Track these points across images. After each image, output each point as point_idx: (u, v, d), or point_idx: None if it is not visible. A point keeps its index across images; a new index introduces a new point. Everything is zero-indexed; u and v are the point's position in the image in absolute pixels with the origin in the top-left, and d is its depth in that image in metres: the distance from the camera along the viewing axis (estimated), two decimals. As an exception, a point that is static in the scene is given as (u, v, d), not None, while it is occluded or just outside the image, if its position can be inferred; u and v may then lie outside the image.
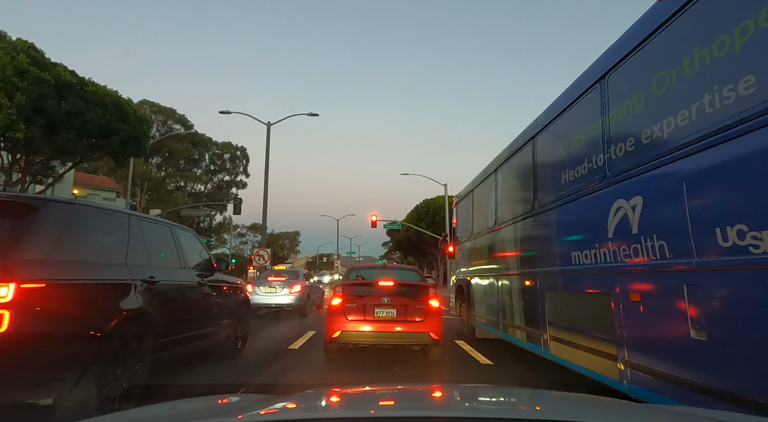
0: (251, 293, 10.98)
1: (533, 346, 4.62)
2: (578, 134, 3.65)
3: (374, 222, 32.27)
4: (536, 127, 4.62)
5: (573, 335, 3.66)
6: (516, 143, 5.35)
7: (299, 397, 1.45)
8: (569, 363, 3.76)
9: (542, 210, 4.37)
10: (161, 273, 3.75)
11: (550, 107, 4.36)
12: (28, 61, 13.89)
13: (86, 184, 33.05)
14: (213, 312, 4.90)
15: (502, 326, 5.71)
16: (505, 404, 1.50)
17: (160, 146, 45.27)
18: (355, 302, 5.32)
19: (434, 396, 1.61)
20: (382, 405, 1.45)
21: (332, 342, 5.33)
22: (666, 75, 2.56)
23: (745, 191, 1.99)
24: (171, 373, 4.25)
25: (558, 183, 4.00)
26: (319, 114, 19.60)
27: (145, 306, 3.37)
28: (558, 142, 4.06)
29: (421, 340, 5.34)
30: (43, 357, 2.53)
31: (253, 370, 4.94)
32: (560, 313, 3.95)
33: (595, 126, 3.35)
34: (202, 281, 4.63)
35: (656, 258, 2.56)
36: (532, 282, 4.64)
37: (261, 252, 16.45)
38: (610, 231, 3.05)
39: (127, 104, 17.11)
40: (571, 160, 3.76)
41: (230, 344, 5.53)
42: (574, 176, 3.69)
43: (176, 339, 3.92)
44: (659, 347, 2.60)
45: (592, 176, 3.36)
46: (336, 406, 1.40)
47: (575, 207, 3.63)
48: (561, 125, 4.03)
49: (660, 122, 2.61)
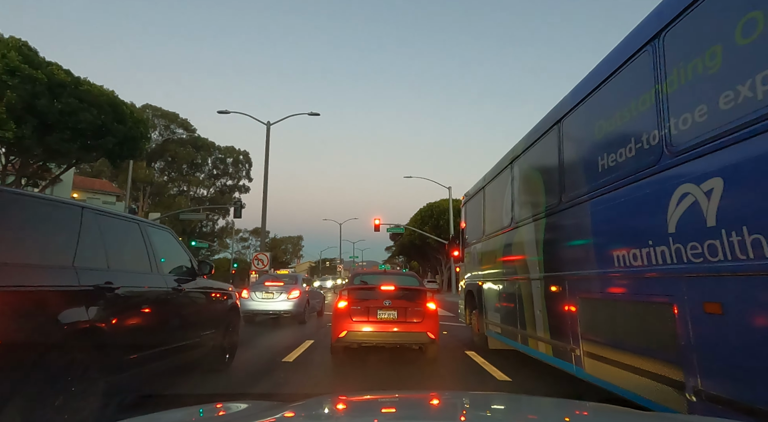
0: (247, 299, 10.49)
1: (561, 362, 3.98)
2: (620, 111, 3.03)
3: (377, 226, 31.69)
4: (563, 108, 4.01)
5: (617, 352, 3.02)
6: (537, 130, 4.74)
7: (303, 406, 1.43)
8: (611, 386, 3.12)
9: (571, 204, 3.75)
10: (123, 278, 3.15)
11: (579, 85, 3.75)
12: (19, 58, 13.46)
13: (86, 187, 32.69)
14: (193, 322, 4.30)
15: (520, 337, 5.08)
16: (511, 413, 1.46)
17: (162, 151, 45.10)
18: (360, 304, 5.80)
19: (437, 403, 1.58)
20: (385, 413, 1.43)
21: (339, 341, 5.78)
22: (760, 16, 1.95)
23: None
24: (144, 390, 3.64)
25: (592, 171, 3.39)
26: (320, 114, 19.09)
27: (98, 319, 2.77)
28: (592, 122, 3.45)
29: (420, 339, 5.75)
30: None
31: (236, 389, 4.32)
32: (598, 325, 3.31)
33: (646, 97, 2.74)
34: (180, 287, 4.03)
35: (747, 258, 1.94)
36: (559, 288, 4.01)
37: (260, 256, 15.87)
38: (671, 225, 2.43)
39: (123, 104, 16.65)
40: (611, 142, 3.14)
41: (216, 357, 4.92)
42: (614, 160, 3.08)
43: (144, 356, 3.32)
44: (746, 374, 1.97)
45: (643, 158, 2.74)
46: (339, 415, 1.40)
47: (618, 198, 3.01)
48: (596, 102, 3.42)
49: (746, 80, 2.00)
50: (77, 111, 14.77)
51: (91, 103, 15.29)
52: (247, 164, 50.58)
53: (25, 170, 16.91)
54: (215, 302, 4.97)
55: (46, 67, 14.49)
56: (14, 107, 13.06)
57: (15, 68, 13.27)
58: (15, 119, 13.26)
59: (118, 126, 16.21)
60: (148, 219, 6.08)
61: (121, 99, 16.67)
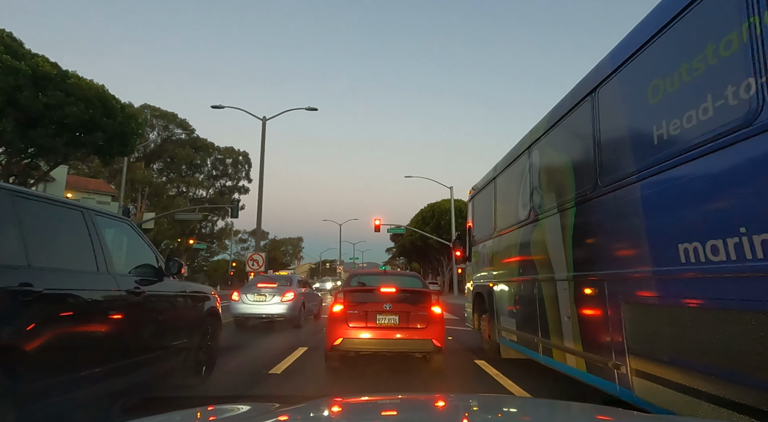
0: (237, 301, 9.85)
1: (598, 380, 3.29)
2: (689, 61, 2.35)
3: (378, 226, 31.03)
4: (600, 75, 3.33)
5: (685, 374, 2.33)
6: (562, 106, 4.06)
7: (305, 408, 1.44)
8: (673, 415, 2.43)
9: (611, 188, 3.07)
10: (51, 279, 2.48)
11: (623, 43, 3.07)
12: (1, 48, 12.81)
13: (80, 187, 32.04)
14: (156, 331, 3.62)
15: (542, 347, 4.38)
16: (512, 414, 1.44)
17: (161, 151, 44.47)
18: (357, 308, 5.23)
19: (439, 405, 1.56)
20: (385, 415, 1.41)
21: (333, 349, 5.19)
22: None
23: None
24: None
25: (644, 145, 2.71)
26: (317, 108, 18.44)
27: (4, 332, 2.10)
28: (643, 83, 2.76)
29: (424, 348, 5.19)
30: None
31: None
32: (655, 337, 2.62)
33: (732, 38, 2.06)
34: (138, 290, 3.35)
35: None
36: (595, 290, 3.32)
37: (255, 257, 15.17)
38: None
39: (113, 99, 15.97)
40: (673, 104, 2.46)
41: (189, 370, 4.24)
42: (679, 127, 2.39)
43: (80, 378, 2.63)
44: None
45: (729, 117, 2.05)
46: (341, 417, 1.39)
47: (686, 174, 2.32)
48: (651, 56, 2.73)
49: None
50: (63, 105, 14.09)
51: (78, 97, 14.61)
52: (246, 164, 49.96)
53: (11, 167, 16.26)
54: (188, 306, 4.28)
55: (31, 59, 13.84)
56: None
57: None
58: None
59: (108, 121, 15.52)
60: (142, 220, 5.38)
61: (111, 93, 15.99)
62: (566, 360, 3.84)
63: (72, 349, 2.56)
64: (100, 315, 2.88)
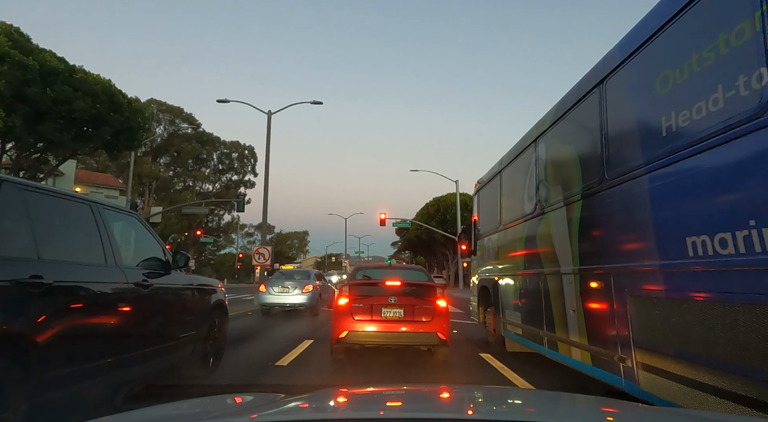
0: (264, 292, 11.37)
1: (604, 373, 3.29)
2: (699, 52, 2.31)
3: (383, 220, 31.06)
4: (608, 66, 3.28)
5: (691, 367, 2.32)
6: (569, 98, 4.01)
7: (310, 397, 1.44)
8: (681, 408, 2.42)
9: (618, 181, 3.05)
10: (61, 271, 2.51)
11: (631, 34, 3.03)
12: (9, 44, 12.90)
13: (89, 181, 32.36)
14: (165, 323, 3.67)
15: (547, 340, 4.38)
16: (516, 406, 1.41)
17: (168, 145, 44.70)
18: (362, 302, 5.25)
19: (444, 397, 1.56)
20: (390, 406, 1.40)
21: (339, 342, 5.20)
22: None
23: None
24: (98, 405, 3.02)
25: (651, 137, 2.67)
26: (323, 102, 18.41)
27: (17, 322, 2.14)
28: (651, 74, 2.72)
29: (429, 341, 5.21)
30: None
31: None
32: (661, 330, 2.61)
33: (744, 26, 2.02)
34: (146, 283, 3.39)
35: None
36: (601, 284, 3.31)
37: (261, 250, 15.25)
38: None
39: (120, 93, 16.06)
40: (681, 95, 2.42)
41: (197, 361, 4.29)
42: (688, 119, 2.36)
43: (92, 367, 2.68)
44: None
45: (739, 108, 2.02)
46: (346, 407, 1.38)
47: (694, 167, 2.29)
48: (660, 47, 2.69)
49: None
50: (71, 100, 14.20)
51: (85, 92, 14.71)
52: (252, 159, 50.05)
53: (20, 162, 16.45)
54: (196, 299, 4.33)
55: (39, 54, 13.93)
56: (3, 94, 12.51)
57: (4, 54, 12.71)
58: (4, 107, 12.72)
59: (115, 116, 15.63)
60: (150, 214, 5.44)
61: (118, 88, 16.08)
62: (571, 354, 3.83)
63: (81, 340, 2.61)
64: (108, 307, 2.93)
